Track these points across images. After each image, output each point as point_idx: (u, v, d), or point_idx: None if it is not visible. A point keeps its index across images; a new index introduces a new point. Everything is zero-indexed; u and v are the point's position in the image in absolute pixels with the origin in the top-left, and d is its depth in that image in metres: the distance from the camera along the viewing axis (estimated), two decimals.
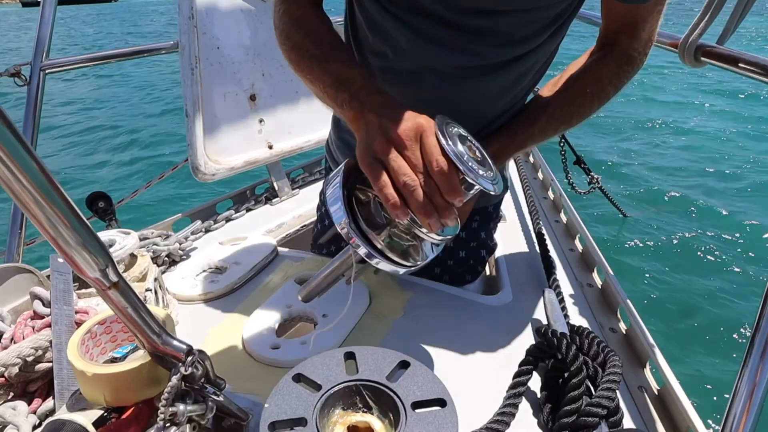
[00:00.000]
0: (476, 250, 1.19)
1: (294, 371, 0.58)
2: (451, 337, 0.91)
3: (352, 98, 0.76)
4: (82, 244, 0.48)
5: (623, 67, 0.91)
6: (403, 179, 0.64)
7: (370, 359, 0.60)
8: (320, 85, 0.82)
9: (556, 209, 1.58)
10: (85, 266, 0.50)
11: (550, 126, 0.92)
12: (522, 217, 1.49)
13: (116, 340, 0.76)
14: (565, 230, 1.44)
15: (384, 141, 0.67)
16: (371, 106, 0.73)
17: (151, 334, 0.59)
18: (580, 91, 0.92)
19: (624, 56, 0.92)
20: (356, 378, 0.58)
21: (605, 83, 0.91)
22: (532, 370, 0.78)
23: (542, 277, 1.14)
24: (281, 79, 1.61)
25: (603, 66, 0.92)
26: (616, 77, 0.91)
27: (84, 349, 0.69)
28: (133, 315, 0.57)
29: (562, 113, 0.92)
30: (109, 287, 0.53)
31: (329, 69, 0.81)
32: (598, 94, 0.91)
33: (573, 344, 0.76)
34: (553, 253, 1.19)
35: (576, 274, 1.20)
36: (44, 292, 0.87)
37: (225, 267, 1.14)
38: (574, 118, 0.92)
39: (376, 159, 0.67)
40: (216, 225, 1.45)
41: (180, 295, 1.04)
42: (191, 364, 0.62)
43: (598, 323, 1.01)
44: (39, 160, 0.44)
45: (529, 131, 0.91)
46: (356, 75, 0.79)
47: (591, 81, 0.92)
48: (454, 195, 0.65)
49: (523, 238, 1.37)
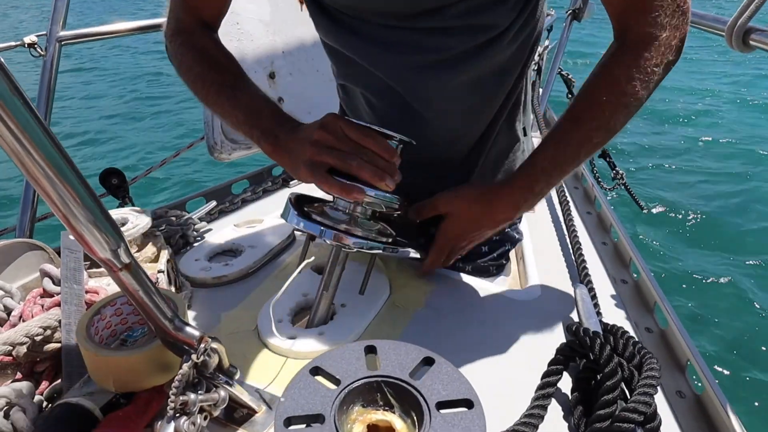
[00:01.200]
0: (500, 243, 1.18)
1: (312, 364, 0.57)
2: (475, 332, 0.89)
3: (264, 133, 0.85)
4: (93, 223, 0.47)
5: (643, 56, 0.76)
6: (350, 162, 0.76)
7: (393, 354, 0.59)
8: (233, 120, 0.90)
9: (588, 200, 1.55)
10: (96, 246, 0.49)
11: (563, 153, 0.84)
12: (552, 207, 1.47)
13: (126, 322, 0.75)
14: (598, 222, 1.42)
15: (313, 148, 0.77)
16: (284, 134, 0.84)
17: (163, 319, 0.58)
18: (593, 103, 0.80)
19: (640, 41, 0.77)
20: (377, 374, 0.57)
21: (623, 83, 0.77)
22: (563, 370, 0.76)
23: (573, 271, 1.12)
24: (301, 57, 1.59)
25: (616, 62, 0.79)
26: (638, 71, 0.77)
27: (93, 331, 0.68)
28: (145, 298, 0.56)
29: (574, 135, 0.82)
30: (120, 268, 0.52)
31: (239, 103, 0.88)
32: (620, 98, 0.78)
33: (607, 344, 0.74)
34: (584, 247, 1.17)
35: (609, 269, 1.17)
36: (54, 270, 0.87)
37: (240, 250, 1.13)
38: (597, 136, 0.81)
39: (317, 166, 0.77)
40: (231, 206, 1.44)
41: (193, 278, 1.03)
42: (203, 352, 0.62)
43: (632, 322, 0.98)
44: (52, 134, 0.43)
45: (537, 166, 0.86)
46: (263, 106, 0.88)
47: (605, 86, 0.80)
48: (391, 152, 0.78)
49: (552, 230, 1.35)
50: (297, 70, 1.58)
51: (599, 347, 0.73)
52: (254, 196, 1.52)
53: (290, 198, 0.86)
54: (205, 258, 1.10)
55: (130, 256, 0.52)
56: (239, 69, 0.94)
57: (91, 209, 0.47)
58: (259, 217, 1.28)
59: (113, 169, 1.45)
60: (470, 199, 0.92)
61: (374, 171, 0.77)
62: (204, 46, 0.95)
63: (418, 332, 0.88)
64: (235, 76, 0.92)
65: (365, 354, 0.59)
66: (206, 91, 0.91)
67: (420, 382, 0.56)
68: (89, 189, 0.47)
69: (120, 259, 0.51)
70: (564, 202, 1.36)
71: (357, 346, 0.60)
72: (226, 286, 1.03)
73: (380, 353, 0.60)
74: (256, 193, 1.53)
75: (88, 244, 0.49)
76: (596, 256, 1.23)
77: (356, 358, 0.58)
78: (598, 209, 1.48)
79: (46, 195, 0.45)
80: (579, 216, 1.43)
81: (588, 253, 1.19)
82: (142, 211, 1.07)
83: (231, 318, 0.92)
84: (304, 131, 0.82)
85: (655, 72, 0.77)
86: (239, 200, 1.47)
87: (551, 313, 0.96)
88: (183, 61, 0.94)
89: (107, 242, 0.50)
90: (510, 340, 0.87)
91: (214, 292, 1.01)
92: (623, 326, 0.84)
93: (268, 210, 1.35)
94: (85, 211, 0.47)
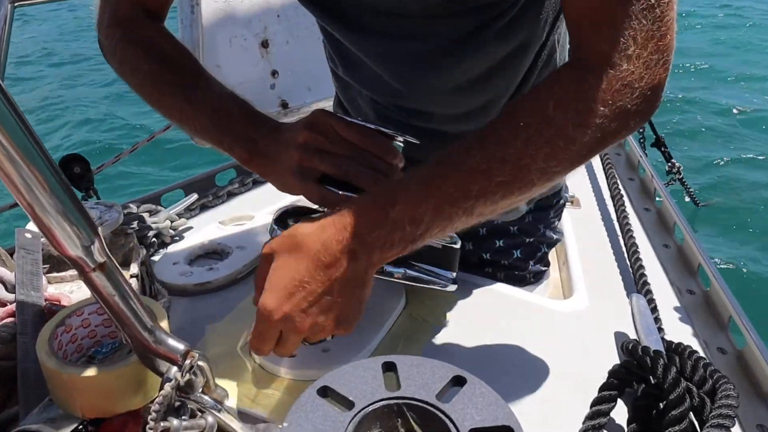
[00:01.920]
0: (534, 247, 1.19)
1: (320, 383, 0.58)
2: (509, 351, 0.89)
3: (238, 138, 0.85)
4: (63, 214, 0.49)
5: (588, 82, 0.66)
6: (345, 167, 0.76)
7: (416, 372, 0.60)
8: (196, 127, 0.88)
9: (646, 194, 1.56)
10: (65, 241, 0.50)
11: (447, 180, 0.68)
12: (602, 202, 1.47)
13: (95, 335, 0.77)
14: (658, 221, 1.42)
15: (300, 152, 0.78)
16: (263, 138, 0.84)
17: (142, 330, 0.60)
18: (509, 124, 0.69)
19: (591, 63, 0.67)
20: (398, 395, 0.57)
21: (551, 109, 0.67)
22: (617, 396, 0.76)
23: (628, 278, 1.12)
24: (300, 23, 1.60)
25: (553, 81, 0.71)
26: (575, 101, 0.66)
27: (56, 345, 0.69)
28: (121, 305, 0.57)
29: (470, 158, 0.68)
30: (93, 269, 0.53)
31: (202, 106, 0.87)
32: (541, 128, 0.67)
33: (672, 365, 0.74)
34: (642, 249, 1.17)
35: (672, 276, 1.18)
36: (7, 274, 0.88)
37: (227, 252, 1.14)
38: (499, 171, 0.67)
39: (305, 173, 0.78)
40: (216, 200, 1.46)
41: (171, 285, 1.05)
42: (189, 369, 0.63)
43: (701, 340, 0.98)
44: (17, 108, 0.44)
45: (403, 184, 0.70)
46: (233, 106, 0.87)
47: (529, 106, 0.70)
48: (392, 154, 0.79)
49: (602, 230, 1.35)
50: (295, 37, 1.59)
51: (662, 369, 0.74)
52: (243, 188, 1.53)
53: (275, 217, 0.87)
54: (185, 261, 1.12)
55: (106, 254, 0.53)
56: (197, 64, 0.93)
57: (60, 198, 0.48)
58: (249, 213, 1.29)
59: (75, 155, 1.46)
60: (283, 244, 0.72)
61: (374, 177, 0.77)
62: (151, 38, 0.92)
63: (441, 349, 0.89)
64: (194, 73, 0.91)
65: (383, 372, 0.60)
66: (159, 95, 0.90)
67: (449, 405, 0.56)
68: (59, 174, 0.49)
69: (93, 257, 0.53)
70: (617, 196, 1.37)
71: (373, 362, 0.61)
72: (211, 294, 1.05)
73: (401, 371, 0.60)
74: (245, 185, 1.54)
75: (56, 239, 0.50)
76: (656, 260, 1.23)
77: (372, 376, 0.59)
78: (659, 205, 1.49)
79: (8, 180, 0.46)
80: (635, 212, 1.43)
81: (647, 257, 1.19)
82: (110, 205, 1.08)
83: (217, 332, 0.93)
84: (288, 133, 0.82)
85: (597, 112, 0.65)
86: (225, 193, 1.48)
87: (602, 328, 0.96)
88: (125, 60, 0.92)
89: (79, 237, 0.51)
90: (552, 361, 0.88)
91: (195, 302, 1.03)
92: (690, 345, 0.84)
93: (260, 204, 1.36)
94: (54, 200, 0.48)
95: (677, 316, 1.04)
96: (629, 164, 1.75)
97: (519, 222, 1.16)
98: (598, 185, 1.57)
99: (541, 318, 0.98)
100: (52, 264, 0.97)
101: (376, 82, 0.97)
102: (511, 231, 1.17)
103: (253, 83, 1.52)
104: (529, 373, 0.85)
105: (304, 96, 1.63)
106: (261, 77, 1.54)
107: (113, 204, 1.07)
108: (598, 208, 1.45)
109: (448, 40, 0.88)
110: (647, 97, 0.67)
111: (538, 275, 1.21)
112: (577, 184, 1.55)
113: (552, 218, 1.21)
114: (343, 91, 1.12)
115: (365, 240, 0.68)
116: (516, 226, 1.16)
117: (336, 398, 0.57)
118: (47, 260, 0.95)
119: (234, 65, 1.46)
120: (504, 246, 1.17)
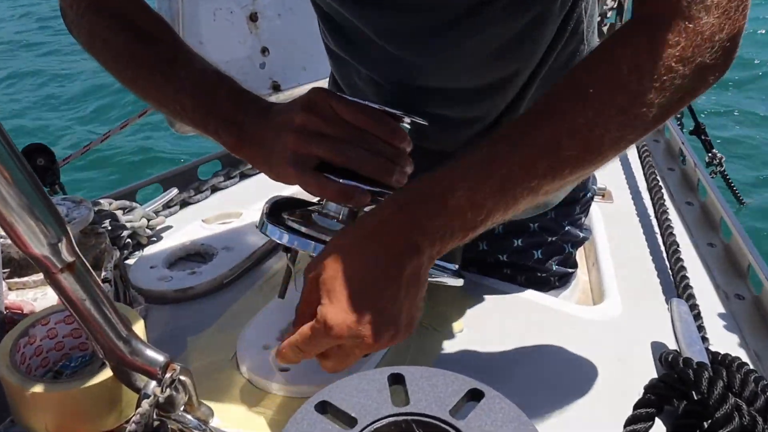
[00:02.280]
0: (557, 247, 1.19)
1: (318, 397, 0.58)
2: (533, 363, 0.89)
3: (224, 121, 0.85)
4: (27, 208, 0.49)
5: (665, 40, 0.66)
6: (347, 152, 0.76)
7: (427, 385, 0.60)
8: (176, 108, 0.88)
9: (688, 186, 1.56)
10: (29, 238, 0.50)
11: (509, 156, 0.70)
12: (637, 196, 1.48)
13: (63, 347, 0.77)
14: (702, 216, 1.42)
15: (296, 137, 0.78)
16: (251, 121, 0.84)
17: (116, 339, 0.60)
18: (575, 93, 0.71)
19: (666, 18, 0.67)
20: (407, 411, 0.57)
21: (625, 73, 0.68)
22: (654, 414, 0.76)
23: (667, 281, 1.13)
24: None
25: (623, 42, 0.71)
26: (652, 60, 0.66)
27: (19, 358, 0.70)
28: (92, 311, 0.57)
29: (535, 133, 0.70)
30: (60, 269, 0.53)
31: (183, 85, 0.87)
32: (615, 95, 0.68)
33: (718, 379, 0.74)
34: (683, 249, 1.17)
35: (718, 279, 1.18)
36: None
37: (211, 253, 1.14)
38: (568, 144, 0.69)
39: (302, 160, 0.77)
40: (198, 195, 1.46)
41: (148, 291, 1.05)
42: (169, 384, 0.63)
43: (752, 351, 0.99)
44: None
45: (460, 168, 0.71)
46: (216, 84, 0.87)
47: (599, 72, 0.71)
48: (399, 137, 0.79)
49: (638, 226, 1.35)
50: (288, 9, 1.59)
51: (707, 383, 0.73)
52: (229, 181, 1.54)
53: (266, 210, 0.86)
54: (164, 264, 1.12)
55: (75, 253, 0.54)
56: (176, 37, 0.93)
57: (24, 190, 0.48)
58: (236, 210, 1.30)
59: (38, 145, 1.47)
60: (337, 251, 0.72)
61: (380, 163, 0.77)
62: (120, 8, 0.91)
63: (454, 361, 0.89)
64: (173, 47, 0.91)
65: (390, 385, 0.60)
66: (133, 73, 0.90)
67: (464, 422, 0.56)
68: (23, 163, 0.49)
69: (61, 256, 0.53)
70: (654, 189, 1.37)
71: (378, 374, 0.61)
72: (193, 301, 1.05)
73: (409, 384, 0.60)
74: (232, 178, 1.55)
75: (17, 235, 0.50)
76: (700, 261, 1.24)
77: (377, 390, 0.59)
78: (703, 198, 1.49)
79: None
80: (675, 207, 1.44)
81: (689, 257, 1.20)
82: (78, 201, 1.08)
83: (201, 344, 0.93)
84: (281, 115, 0.82)
85: (677, 72, 0.66)
86: (209, 187, 1.49)
87: (637, 337, 0.96)
88: (94, 33, 0.92)
89: (45, 234, 0.51)
90: (581, 375, 0.88)
91: (176, 310, 1.03)
92: (739, 356, 0.84)
93: (248, 200, 1.36)
94: (16, 192, 0.48)
95: (723, 323, 1.05)
96: (669, 152, 1.75)
97: (540, 219, 1.16)
98: (633, 176, 1.58)
99: (568, 326, 0.98)
100: (13, 268, 0.97)
101: (380, 59, 0.97)
102: (531, 229, 1.17)
103: (240, 62, 1.52)
104: (555, 388, 0.85)
105: (299, 77, 1.63)
106: (249, 55, 1.54)
107: (82, 200, 1.07)
108: (633, 202, 1.45)
109: (465, 8, 0.87)
110: (726, 49, 0.67)
111: (563, 278, 1.21)
112: (609, 174, 1.54)
113: (578, 214, 1.21)
114: (340, 72, 1.12)
115: (427, 231, 0.70)
116: (536, 223, 1.16)
117: (336, 414, 0.57)
118: (8, 263, 0.96)
119: (218, 41, 1.45)
120: (523, 246, 1.17)
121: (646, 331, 0.98)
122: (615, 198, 1.47)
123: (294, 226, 0.82)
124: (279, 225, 0.81)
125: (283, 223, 0.83)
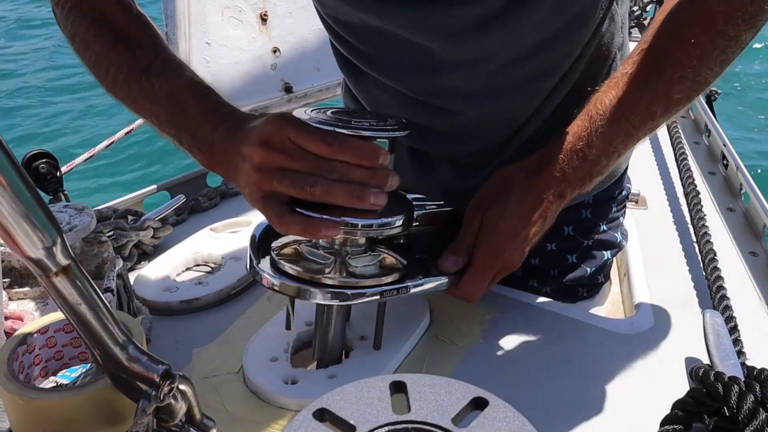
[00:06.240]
0: (593, 252, 1.19)
1: (316, 405, 0.59)
2: (557, 376, 0.91)
3: (196, 139, 0.87)
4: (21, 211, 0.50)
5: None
6: (308, 188, 0.76)
7: (429, 393, 0.61)
8: (151, 120, 0.92)
9: (729, 191, 1.55)
10: (23, 241, 0.52)
11: (632, 105, 0.90)
12: (674, 200, 1.47)
13: (62, 357, 0.79)
14: (744, 224, 1.41)
15: (259, 175, 0.78)
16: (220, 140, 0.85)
17: (113, 346, 0.61)
18: (679, 44, 0.86)
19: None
20: (407, 419, 0.58)
21: (721, 21, 0.82)
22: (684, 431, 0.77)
23: (703, 291, 1.12)
24: None
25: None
26: (735, 7, 0.81)
27: (17, 367, 0.72)
28: (89, 316, 0.59)
29: (649, 84, 0.89)
30: (55, 273, 0.55)
31: (157, 95, 0.89)
32: (715, 40, 0.84)
33: (749, 393, 0.74)
34: (720, 258, 1.16)
35: (760, 290, 1.17)
36: None
37: (219, 264, 1.17)
38: (678, 90, 0.88)
39: (269, 199, 0.79)
40: (207, 203, 1.48)
41: (153, 302, 1.07)
42: (169, 393, 0.64)
43: None
44: None
45: (589, 121, 0.91)
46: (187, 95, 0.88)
47: (698, 23, 0.85)
48: (369, 156, 0.77)
49: (674, 234, 1.35)
50: (300, 7, 1.60)
51: (737, 398, 0.73)
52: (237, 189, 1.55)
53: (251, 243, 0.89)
54: (171, 274, 1.14)
55: (70, 255, 0.55)
56: (156, 40, 0.94)
57: (17, 191, 0.50)
58: (246, 218, 1.32)
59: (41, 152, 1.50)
60: (503, 188, 0.95)
61: (349, 191, 0.76)
62: (103, 9, 0.93)
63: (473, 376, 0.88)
64: (150, 51, 0.92)
65: (391, 392, 0.61)
66: (112, 79, 0.92)
67: (466, 430, 0.57)
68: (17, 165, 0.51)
69: (56, 259, 0.54)
70: (691, 193, 1.36)
71: (379, 381, 0.62)
72: (200, 312, 1.07)
73: (411, 391, 0.61)
74: None
75: (12, 238, 0.52)
76: (740, 271, 1.23)
77: (378, 397, 0.60)
78: (746, 204, 1.48)
79: None
80: (717, 212, 1.43)
81: (727, 266, 1.18)
82: (80, 208, 1.10)
83: (206, 356, 0.96)
84: (246, 139, 0.81)
85: (765, 9, 0.81)
86: (217, 195, 1.51)
87: (668, 351, 0.96)
88: (77, 34, 0.94)
89: (39, 236, 0.52)
90: (608, 389, 0.88)
91: (182, 321, 1.05)
92: None
93: None
94: (10, 194, 0.50)
95: (764, 338, 1.04)
96: (710, 155, 1.74)
97: (574, 220, 1.16)
98: (671, 180, 1.57)
99: (596, 339, 0.98)
100: (13, 277, 1.00)
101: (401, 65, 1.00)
102: (566, 233, 1.17)
103: (250, 64, 1.54)
104: (579, 404, 0.86)
105: (312, 78, 1.65)
106: (259, 56, 1.56)
107: (84, 207, 1.09)
108: (670, 208, 1.45)
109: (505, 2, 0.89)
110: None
111: (593, 289, 1.21)
112: (643, 179, 1.54)
113: (614, 213, 1.20)
114: (356, 84, 1.13)
115: (571, 182, 0.92)
116: (571, 226, 1.16)
117: (335, 422, 0.58)
118: (8, 273, 0.99)
119: (227, 42, 1.47)
120: (557, 249, 1.17)
121: (680, 345, 0.98)
122: (650, 203, 1.46)
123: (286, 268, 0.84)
124: (266, 270, 0.85)
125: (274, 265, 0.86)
